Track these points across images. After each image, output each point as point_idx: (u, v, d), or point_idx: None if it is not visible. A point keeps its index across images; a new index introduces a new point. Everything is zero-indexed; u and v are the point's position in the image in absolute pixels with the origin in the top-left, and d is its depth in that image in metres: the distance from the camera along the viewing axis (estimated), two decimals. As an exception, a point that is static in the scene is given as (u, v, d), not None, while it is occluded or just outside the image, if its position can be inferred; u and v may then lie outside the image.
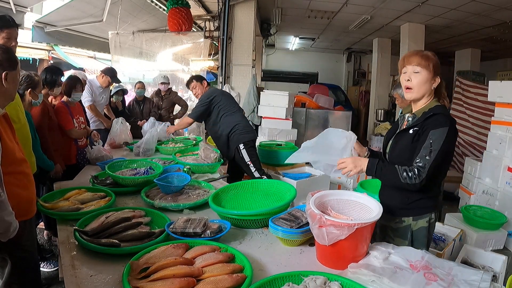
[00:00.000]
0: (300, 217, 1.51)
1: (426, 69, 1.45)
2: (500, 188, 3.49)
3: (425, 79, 1.46)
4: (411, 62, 1.47)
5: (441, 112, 1.42)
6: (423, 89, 1.47)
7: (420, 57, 1.46)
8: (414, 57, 1.47)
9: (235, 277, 1.12)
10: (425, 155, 1.37)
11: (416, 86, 1.47)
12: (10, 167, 1.44)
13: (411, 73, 1.47)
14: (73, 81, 2.91)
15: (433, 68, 1.45)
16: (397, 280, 1.13)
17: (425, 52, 1.48)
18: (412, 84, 1.47)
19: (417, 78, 1.46)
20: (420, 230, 1.53)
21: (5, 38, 2.07)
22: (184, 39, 5.52)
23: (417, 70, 1.46)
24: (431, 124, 1.41)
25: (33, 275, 1.68)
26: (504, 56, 9.18)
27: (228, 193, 1.90)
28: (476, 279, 1.17)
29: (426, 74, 1.45)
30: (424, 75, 1.45)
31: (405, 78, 1.49)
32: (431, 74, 1.45)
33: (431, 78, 1.46)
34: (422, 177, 1.36)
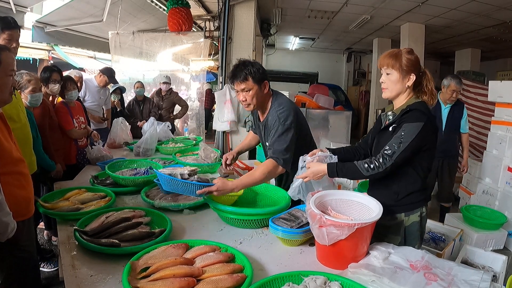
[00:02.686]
0: (300, 217, 1.51)
1: (395, 69, 1.50)
2: (500, 188, 3.49)
3: (396, 79, 1.51)
4: (382, 64, 1.55)
5: (418, 108, 1.46)
6: (396, 88, 1.53)
7: (388, 58, 1.52)
8: (384, 59, 1.54)
9: (235, 277, 1.12)
10: (395, 144, 1.42)
11: (389, 86, 1.54)
12: (7, 167, 1.44)
13: (384, 74, 1.55)
14: (63, 81, 2.90)
15: (404, 66, 1.49)
16: (397, 280, 1.13)
17: (395, 52, 1.53)
18: (386, 84, 1.55)
19: (389, 79, 1.53)
20: (413, 224, 1.55)
21: (6, 40, 2.07)
22: (184, 39, 5.51)
23: (388, 71, 1.53)
24: (406, 119, 1.46)
25: (33, 275, 1.68)
26: (504, 56, 9.18)
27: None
28: (476, 279, 1.17)
29: (396, 74, 1.51)
30: (395, 75, 1.51)
31: (381, 79, 1.58)
32: (401, 73, 1.50)
33: (403, 77, 1.51)
34: (387, 165, 1.41)
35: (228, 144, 5.40)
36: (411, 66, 1.49)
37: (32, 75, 2.37)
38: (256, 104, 1.86)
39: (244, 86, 1.80)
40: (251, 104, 1.85)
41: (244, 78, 1.79)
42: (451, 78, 3.32)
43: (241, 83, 1.80)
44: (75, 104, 3.05)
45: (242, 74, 1.79)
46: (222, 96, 5.17)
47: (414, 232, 1.56)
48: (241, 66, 1.82)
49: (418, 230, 1.56)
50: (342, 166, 1.51)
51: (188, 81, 6.47)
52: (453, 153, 3.51)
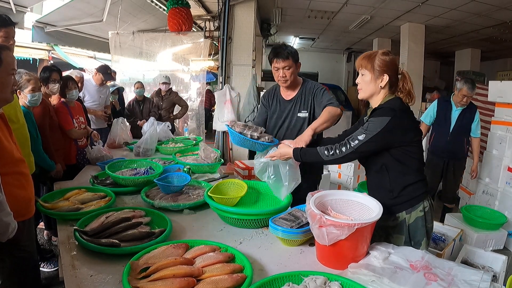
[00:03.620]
0: (300, 217, 1.51)
1: (367, 70, 1.53)
2: (500, 188, 3.49)
3: (368, 79, 1.54)
4: (357, 66, 1.58)
5: (387, 106, 1.50)
6: (369, 88, 1.55)
7: (362, 59, 1.55)
8: (358, 60, 1.57)
9: (235, 277, 1.12)
10: (358, 135, 1.48)
11: (363, 87, 1.57)
12: (7, 167, 1.44)
13: (360, 75, 1.58)
14: (63, 80, 2.90)
15: (376, 67, 1.50)
16: (397, 280, 1.13)
17: (370, 54, 1.54)
18: (360, 85, 1.58)
19: (363, 79, 1.56)
20: (417, 221, 1.53)
21: (3, 37, 2.07)
22: (184, 39, 5.51)
23: (362, 72, 1.56)
24: (374, 114, 1.51)
25: (33, 275, 1.68)
26: (504, 56, 9.19)
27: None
28: (476, 279, 1.17)
29: (368, 74, 1.53)
30: (367, 76, 1.54)
31: (357, 80, 1.62)
32: (373, 74, 1.52)
33: (376, 77, 1.52)
34: (346, 153, 1.49)
35: (228, 144, 5.40)
36: (384, 66, 1.50)
37: (31, 75, 2.36)
38: (292, 81, 2.16)
39: (285, 64, 2.08)
40: (289, 80, 2.14)
41: (286, 57, 2.07)
42: (464, 83, 3.27)
43: (283, 61, 2.08)
44: (75, 104, 3.05)
45: (285, 53, 2.07)
46: (222, 96, 5.17)
47: (420, 228, 1.53)
48: (283, 46, 2.11)
49: (423, 226, 1.53)
50: (306, 151, 1.62)
51: (188, 81, 6.47)
52: (460, 156, 3.49)
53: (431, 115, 3.58)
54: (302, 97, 2.23)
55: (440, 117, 3.50)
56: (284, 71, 2.11)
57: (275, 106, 2.30)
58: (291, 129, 2.24)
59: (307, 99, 2.21)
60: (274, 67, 2.14)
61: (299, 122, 2.24)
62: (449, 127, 3.41)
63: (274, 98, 2.32)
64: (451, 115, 3.41)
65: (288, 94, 2.26)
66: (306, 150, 1.62)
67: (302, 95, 2.22)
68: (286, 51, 2.07)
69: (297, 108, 2.23)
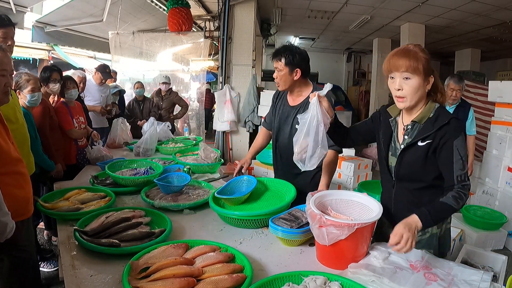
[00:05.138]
0: (300, 217, 1.51)
1: (417, 74, 1.26)
2: (500, 188, 3.49)
3: (418, 84, 1.28)
4: (399, 67, 1.27)
5: (453, 117, 1.29)
6: (418, 95, 1.30)
7: (406, 59, 1.26)
8: (401, 61, 1.27)
9: (235, 277, 1.12)
10: (461, 169, 1.25)
11: (409, 95, 1.29)
12: (5, 167, 1.44)
13: (401, 80, 1.29)
14: (63, 80, 2.90)
15: (425, 69, 1.27)
16: (397, 280, 1.13)
17: (412, 51, 1.28)
18: (404, 93, 1.29)
19: (409, 85, 1.28)
20: (446, 233, 1.47)
21: (1, 38, 2.06)
22: (184, 39, 5.52)
23: (406, 75, 1.27)
24: (450, 134, 1.26)
25: (33, 275, 1.68)
26: (504, 56, 9.19)
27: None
28: (476, 279, 1.17)
29: (418, 79, 1.27)
30: (416, 80, 1.27)
31: (395, 86, 1.30)
32: (423, 76, 1.28)
33: (424, 80, 1.29)
34: (468, 191, 1.25)
35: (228, 144, 5.40)
36: (429, 65, 1.28)
37: (30, 75, 2.36)
38: (284, 86, 2.01)
39: (277, 65, 1.96)
40: (280, 85, 2.01)
41: (279, 59, 1.95)
42: (450, 77, 3.35)
43: (276, 62, 1.97)
44: (75, 104, 3.05)
45: (279, 53, 1.95)
46: (222, 96, 5.17)
47: (447, 240, 1.48)
48: (283, 47, 1.97)
49: (449, 236, 1.50)
50: (436, 212, 1.22)
51: (188, 81, 6.48)
52: None
53: None
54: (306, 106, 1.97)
55: None
56: (276, 72, 1.99)
57: (279, 109, 2.17)
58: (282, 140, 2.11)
59: None
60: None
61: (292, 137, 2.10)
62: None
63: (281, 100, 2.18)
64: None
65: (293, 100, 2.09)
66: (434, 210, 1.23)
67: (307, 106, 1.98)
68: (282, 52, 1.93)
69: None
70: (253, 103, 5.19)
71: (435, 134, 1.29)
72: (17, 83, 2.27)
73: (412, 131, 1.37)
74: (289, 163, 2.03)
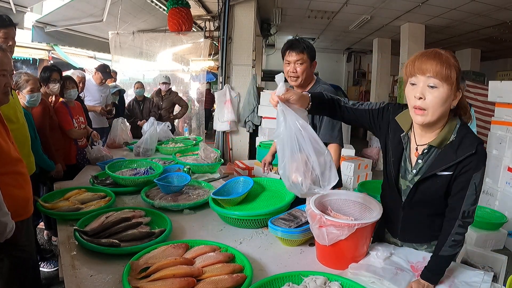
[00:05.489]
0: (299, 217, 1.51)
1: (447, 83, 1.03)
2: (500, 188, 3.49)
3: (446, 96, 1.04)
4: (426, 71, 1.03)
5: (479, 143, 1.10)
6: (441, 110, 1.06)
7: (439, 64, 1.02)
8: (430, 63, 1.03)
9: (235, 277, 1.12)
10: (471, 204, 1.10)
11: (432, 107, 1.05)
12: (5, 167, 1.44)
13: (425, 87, 1.05)
14: (62, 80, 2.90)
15: (457, 79, 1.04)
16: (398, 282, 1.13)
17: (444, 55, 1.05)
18: (427, 104, 1.05)
19: (434, 96, 1.04)
20: None
21: (2, 38, 2.07)
22: (184, 39, 5.52)
23: (433, 83, 1.03)
24: (473, 164, 1.08)
25: (33, 275, 1.68)
26: (504, 56, 9.19)
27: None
28: (477, 280, 1.17)
29: (447, 89, 1.04)
30: (445, 91, 1.04)
31: (416, 94, 1.06)
32: (453, 88, 1.05)
33: (453, 93, 1.06)
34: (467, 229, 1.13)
35: (228, 144, 5.40)
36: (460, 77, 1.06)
37: (30, 75, 2.36)
38: (302, 79, 1.92)
39: (298, 57, 1.87)
40: (300, 78, 1.91)
41: (301, 50, 1.85)
42: None
43: (297, 54, 1.86)
44: (74, 104, 3.05)
45: (300, 46, 1.86)
46: (222, 96, 5.17)
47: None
48: (298, 40, 1.90)
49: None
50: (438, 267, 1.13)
51: (188, 81, 6.48)
52: None
53: None
54: None
55: None
56: (295, 65, 1.89)
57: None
58: None
59: None
60: (286, 61, 1.92)
61: None
62: None
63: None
64: None
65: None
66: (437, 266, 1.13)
67: None
68: (303, 44, 1.87)
69: None
70: (253, 103, 5.19)
71: (457, 165, 1.09)
72: (17, 83, 2.27)
73: (428, 155, 1.17)
74: None
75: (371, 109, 1.32)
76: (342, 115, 1.35)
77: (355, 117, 1.34)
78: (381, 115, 1.30)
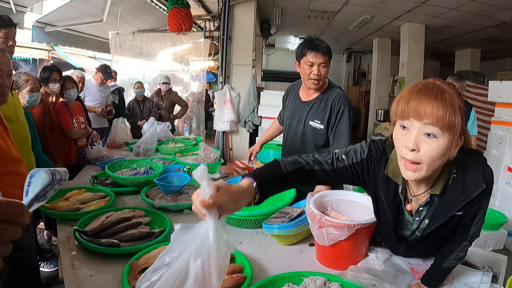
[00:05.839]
0: (290, 212, 1.51)
1: (449, 132, 0.83)
2: (500, 188, 3.49)
3: (446, 148, 0.84)
4: (423, 115, 0.82)
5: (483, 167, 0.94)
6: (439, 163, 0.88)
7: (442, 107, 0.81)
8: (431, 105, 0.82)
9: (235, 277, 1.12)
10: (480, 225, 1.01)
11: (427, 161, 0.85)
12: (4, 167, 1.44)
13: (420, 135, 0.84)
14: (62, 80, 2.90)
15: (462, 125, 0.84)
16: (398, 285, 1.13)
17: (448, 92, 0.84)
18: (421, 157, 0.85)
19: (431, 147, 0.84)
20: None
21: (2, 38, 2.07)
22: (184, 39, 5.52)
23: (432, 131, 0.83)
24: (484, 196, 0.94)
25: (33, 275, 1.68)
26: (504, 56, 9.18)
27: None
28: (476, 280, 1.18)
29: (448, 140, 0.84)
30: (445, 142, 0.84)
31: (407, 143, 0.85)
32: (457, 137, 0.85)
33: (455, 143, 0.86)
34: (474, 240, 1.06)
35: (228, 144, 5.40)
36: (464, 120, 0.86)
37: (29, 75, 2.36)
38: (323, 82, 1.86)
39: (324, 60, 1.79)
40: (321, 81, 1.85)
41: (326, 53, 1.77)
42: (450, 76, 3.41)
43: (323, 56, 1.78)
44: (74, 104, 3.05)
45: (325, 47, 1.76)
46: (222, 96, 5.17)
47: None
48: (320, 39, 1.81)
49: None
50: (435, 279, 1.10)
51: (188, 81, 6.48)
52: None
53: None
54: (321, 104, 1.88)
55: None
56: (320, 68, 1.80)
57: (290, 105, 2.05)
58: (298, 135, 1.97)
59: (325, 110, 1.86)
60: (308, 62, 1.80)
61: (309, 131, 1.93)
62: None
63: (292, 96, 2.04)
64: None
65: (306, 95, 1.95)
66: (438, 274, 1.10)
67: (322, 102, 1.88)
68: (327, 45, 1.77)
69: (311, 114, 1.92)
70: (253, 103, 5.19)
71: (467, 203, 0.93)
72: (16, 83, 2.27)
73: (430, 203, 1.02)
74: None
75: (352, 163, 1.06)
76: (316, 181, 1.13)
77: (335, 179, 1.09)
78: (365, 170, 1.07)
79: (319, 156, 1.06)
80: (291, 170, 1.00)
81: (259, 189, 0.90)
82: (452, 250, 1.06)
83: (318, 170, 1.04)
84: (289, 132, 2.05)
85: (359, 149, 1.07)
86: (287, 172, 0.99)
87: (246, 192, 0.87)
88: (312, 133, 1.93)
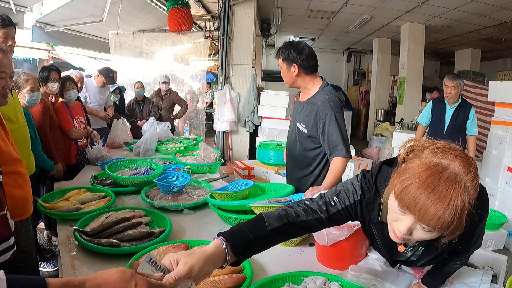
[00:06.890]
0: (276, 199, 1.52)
1: (448, 235, 0.80)
2: (500, 188, 3.49)
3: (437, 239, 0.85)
4: (425, 221, 0.77)
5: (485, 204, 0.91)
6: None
7: (449, 218, 0.74)
8: (436, 214, 0.74)
9: (235, 277, 1.12)
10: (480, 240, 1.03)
11: (417, 239, 0.88)
12: (4, 167, 1.43)
13: (415, 227, 0.82)
14: (62, 80, 2.90)
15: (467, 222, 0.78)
16: (399, 284, 1.13)
17: (461, 197, 0.74)
18: (412, 238, 0.86)
19: (425, 236, 0.83)
20: None
21: (2, 38, 2.07)
22: (184, 39, 5.52)
23: (430, 229, 0.79)
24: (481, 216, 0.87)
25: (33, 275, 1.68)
26: (504, 56, 9.19)
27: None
28: (476, 280, 1.18)
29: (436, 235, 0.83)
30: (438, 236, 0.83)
31: (401, 228, 0.83)
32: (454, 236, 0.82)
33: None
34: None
35: (228, 144, 5.40)
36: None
37: (29, 75, 2.36)
38: (287, 83, 1.98)
39: (280, 64, 1.94)
40: (289, 84, 1.97)
41: (278, 56, 1.94)
42: (446, 76, 3.43)
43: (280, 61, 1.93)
44: (75, 104, 3.05)
45: (278, 52, 1.94)
46: (222, 96, 5.17)
47: None
48: (283, 44, 1.95)
49: None
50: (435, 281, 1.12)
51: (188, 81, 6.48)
52: None
53: (426, 116, 3.61)
54: (308, 106, 1.90)
55: (435, 118, 3.54)
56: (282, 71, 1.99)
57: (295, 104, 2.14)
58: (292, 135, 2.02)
59: (310, 115, 1.86)
60: None
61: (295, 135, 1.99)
62: (443, 126, 3.43)
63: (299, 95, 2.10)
64: (445, 115, 3.44)
65: (302, 96, 2.00)
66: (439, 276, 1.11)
67: (309, 104, 1.90)
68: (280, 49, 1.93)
69: (300, 116, 1.95)
70: (253, 103, 5.19)
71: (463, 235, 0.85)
72: (16, 83, 2.27)
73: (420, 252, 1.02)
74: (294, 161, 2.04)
75: (345, 207, 1.01)
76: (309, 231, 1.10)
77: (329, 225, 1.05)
78: (359, 212, 1.03)
79: (310, 203, 1.01)
80: (276, 227, 0.94)
81: (233, 251, 0.85)
82: (454, 259, 1.06)
83: (311, 221, 0.99)
84: (288, 130, 2.11)
85: (350, 189, 1.02)
86: (271, 229, 0.93)
87: (211, 257, 0.81)
88: (299, 134, 1.97)
